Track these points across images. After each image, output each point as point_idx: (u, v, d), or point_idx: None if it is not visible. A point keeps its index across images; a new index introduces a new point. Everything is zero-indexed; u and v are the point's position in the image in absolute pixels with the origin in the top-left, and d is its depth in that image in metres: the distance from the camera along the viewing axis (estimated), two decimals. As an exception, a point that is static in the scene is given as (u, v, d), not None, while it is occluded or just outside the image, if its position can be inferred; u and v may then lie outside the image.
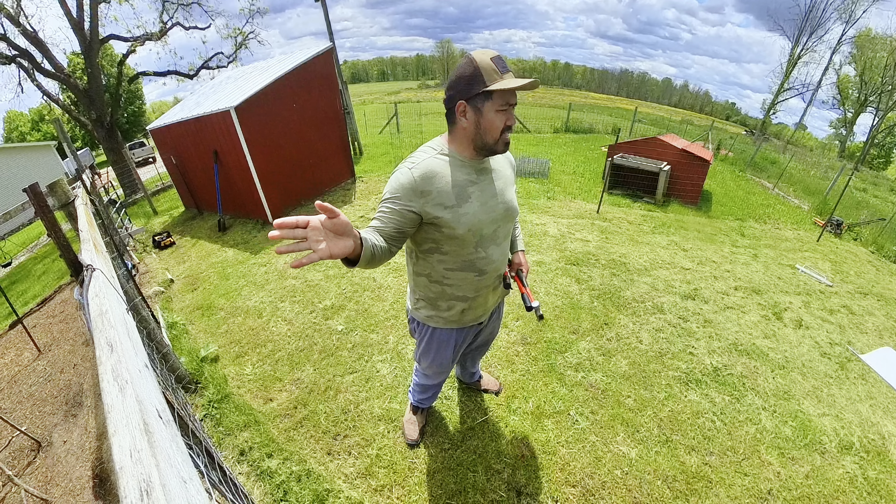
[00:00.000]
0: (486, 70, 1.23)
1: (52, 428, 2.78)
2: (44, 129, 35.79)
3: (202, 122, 6.39)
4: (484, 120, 1.29)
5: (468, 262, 1.49)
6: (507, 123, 1.31)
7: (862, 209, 9.89)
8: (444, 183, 1.33)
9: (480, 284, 1.57)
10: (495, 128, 1.30)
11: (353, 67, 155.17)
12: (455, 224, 1.36)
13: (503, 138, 1.34)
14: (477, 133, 1.32)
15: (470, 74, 1.25)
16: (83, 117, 10.85)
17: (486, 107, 1.27)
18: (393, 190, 1.32)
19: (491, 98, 1.25)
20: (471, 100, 1.28)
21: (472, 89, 1.25)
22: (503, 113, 1.29)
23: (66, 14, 9.89)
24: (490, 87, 1.22)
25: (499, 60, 1.25)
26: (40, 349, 3.76)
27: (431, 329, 1.73)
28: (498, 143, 1.34)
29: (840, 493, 2.22)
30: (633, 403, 2.69)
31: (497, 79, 1.23)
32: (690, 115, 47.71)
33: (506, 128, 1.31)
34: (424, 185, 1.31)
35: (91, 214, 2.69)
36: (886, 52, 28.71)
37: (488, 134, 1.31)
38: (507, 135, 1.34)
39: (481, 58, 1.24)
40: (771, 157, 16.54)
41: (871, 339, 3.80)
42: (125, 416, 0.72)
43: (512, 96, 1.28)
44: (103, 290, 1.36)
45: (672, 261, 4.94)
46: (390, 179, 1.35)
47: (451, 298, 1.59)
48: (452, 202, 1.35)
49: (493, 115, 1.28)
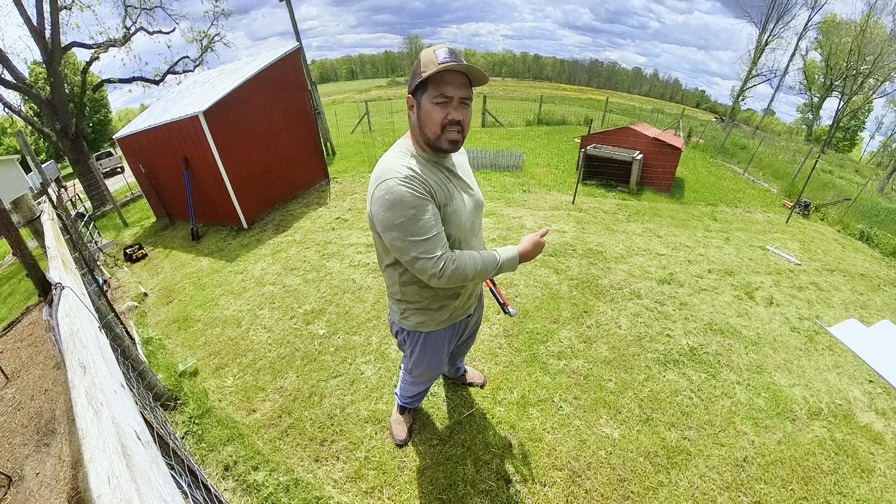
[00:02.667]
0: (426, 62, 1.20)
1: (24, 460, 2.65)
2: (6, 142, 34.04)
3: (170, 129, 6.22)
4: (423, 112, 1.26)
5: None
6: (448, 118, 1.24)
7: (828, 190, 10.33)
8: (433, 182, 1.30)
9: None
10: (433, 121, 1.24)
11: (321, 67, 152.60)
12: (448, 224, 1.36)
13: (446, 135, 1.26)
14: (420, 128, 1.29)
15: (414, 68, 1.25)
16: (47, 128, 10.42)
17: (424, 98, 1.24)
18: (411, 205, 1.23)
19: (426, 89, 1.23)
20: (414, 94, 1.27)
21: (413, 82, 1.25)
22: (440, 105, 1.22)
23: (26, 22, 9.46)
24: (422, 76, 1.19)
25: (443, 52, 1.20)
26: (8, 376, 3.60)
27: (424, 335, 1.70)
28: (440, 140, 1.27)
29: (810, 455, 2.35)
30: (615, 386, 2.77)
31: (432, 68, 1.18)
32: (661, 104, 48.72)
33: (448, 123, 1.24)
34: (426, 184, 1.27)
35: (58, 230, 2.60)
36: (851, 37, 29.75)
37: (427, 128, 1.26)
38: (450, 131, 1.26)
39: (426, 51, 1.23)
40: (741, 142, 17.05)
41: (837, 313, 3.99)
42: (101, 440, 0.69)
43: (449, 88, 1.21)
44: (74, 309, 1.32)
45: (647, 247, 5.07)
46: (390, 204, 1.23)
47: (444, 298, 1.59)
48: (444, 200, 1.34)
49: (430, 108, 1.23)
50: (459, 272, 1.31)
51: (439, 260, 1.28)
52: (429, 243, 1.26)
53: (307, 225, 6.13)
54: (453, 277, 1.31)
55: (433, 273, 1.29)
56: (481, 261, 1.37)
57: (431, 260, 1.27)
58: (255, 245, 5.68)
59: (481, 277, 1.40)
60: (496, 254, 1.42)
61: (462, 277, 1.33)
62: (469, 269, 1.33)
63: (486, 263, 1.38)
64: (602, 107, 18.93)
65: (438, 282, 1.32)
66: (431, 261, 1.27)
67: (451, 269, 1.29)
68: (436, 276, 1.30)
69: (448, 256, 1.30)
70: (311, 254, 5.05)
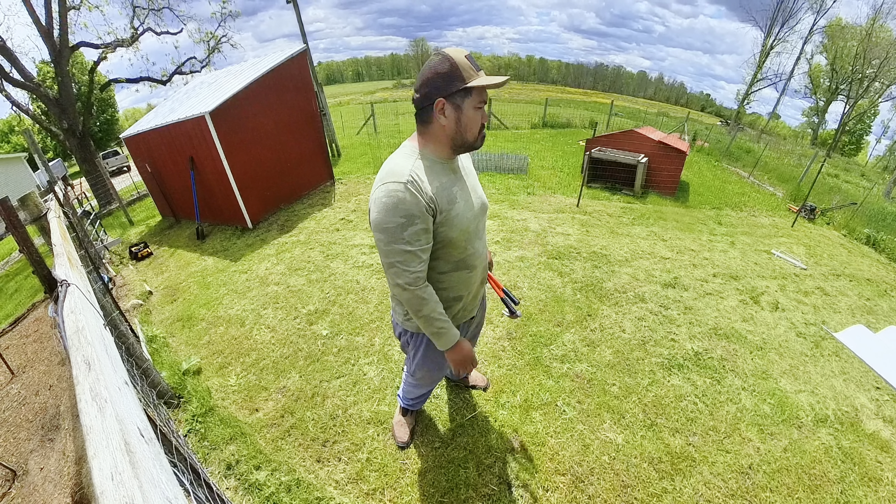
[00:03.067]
0: (464, 67, 1.23)
1: (28, 455, 2.67)
2: (14, 140, 34.45)
3: (177, 129, 6.26)
4: (464, 117, 1.29)
5: (460, 262, 1.51)
6: (482, 121, 1.34)
7: (834, 194, 10.24)
8: (435, 188, 1.32)
9: (472, 280, 1.60)
10: (475, 124, 1.32)
11: (327, 69, 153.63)
12: (450, 227, 1.38)
13: (480, 135, 1.37)
14: (457, 131, 1.32)
15: (447, 72, 1.23)
16: (54, 127, 10.50)
17: (466, 104, 1.27)
18: (403, 214, 1.25)
19: (470, 95, 1.26)
20: (450, 97, 1.26)
21: (450, 86, 1.24)
22: (480, 110, 1.31)
23: (35, 22, 9.55)
24: (470, 84, 1.23)
25: (472, 59, 1.27)
26: (13, 371, 3.63)
27: (427, 337, 1.66)
28: (477, 140, 1.37)
29: (816, 462, 2.32)
30: (618, 391, 2.74)
31: (473, 76, 1.25)
32: (666, 108, 48.66)
33: (482, 125, 1.35)
34: (425, 192, 1.28)
35: (64, 227, 2.62)
36: (856, 41, 29.61)
37: (468, 131, 1.32)
38: (482, 132, 1.37)
39: (457, 55, 1.24)
40: (746, 146, 16.99)
41: (843, 318, 3.95)
42: (105, 436, 0.70)
43: (486, 94, 1.31)
44: (79, 306, 1.33)
45: (652, 251, 5.04)
46: (384, 206, 1.26)
47: (448, 300, 1.58)
48: (445, 206, 1.35)
49: (473, 113, 1.29)
50: (418, 301, 1.39)
51: (414, 276, 1.34)
52: (409, 255, 1.31)
53: (312, 225, 6.14)
54: (413, 300, 1.39)
55: (400, 284, 1.35)
56: (437, 311, 1.43)
57: (406, 273, 1.33)
58: (259, 245, 5.70)
59: (421, 321, 1.46)
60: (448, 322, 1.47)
61: (417, 306, 1.40)
62: (425, 307, 1.40)
63: (434, 318, 1.43)
64: (607, 110, 18.90)
65: (401, 294, 1.38)
66: (406, 273, 1.33)
67: (418, 293, 1.37)
68: (401, 288, 1.36)
69: (423, 279, 1.38)
70: (315, 254, 5.06)
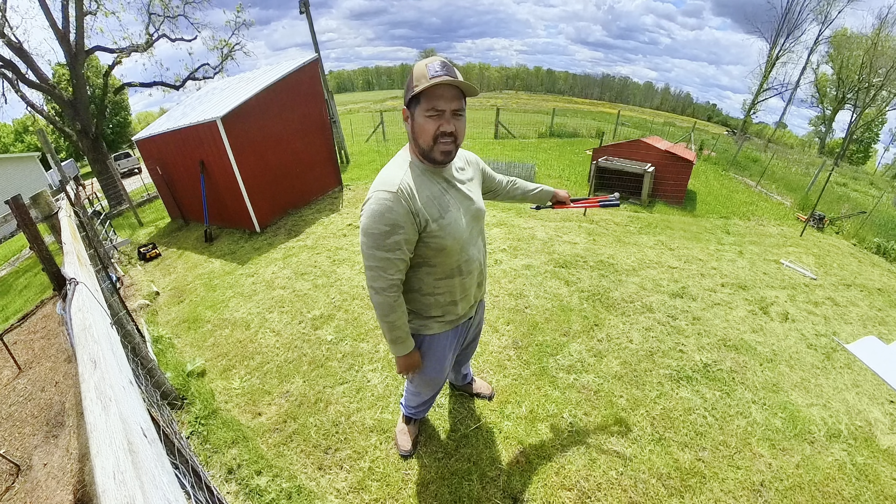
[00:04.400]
0: (417, 76, 1.23)
1: (32, 450, 2.68)
2: (28, 140, 35.21)
3: (188, 133, 6.33)
4: (416, 125, 1.30)
5: (455, 268, 1.51)
6: (440, 129, 1.27)
7: (843, 203, 10.13)
8: (425, 196, 1.33)
9: (467, 284, 1.61)
10: (426, 133, 1.28)
11: (338, 77, 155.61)
12: (443, 235, 1.38)
13: (438, 146, 1.29)
14: (414, 140, 1.33)
15: (408, 82, 1.27)
16: (68, 128, 10.67)
17: (417, 112, 1.28)
18: (388, 222, 1.28)
19: (419, 102, 1.26)
20: (409, 106, 1.30)
21: (407, 96, 1.28)
22: (433, 118, 1.26)
23: (52, 25, 9.75)
24: (414, 91, 1.23)
25: (435, 65, 1.22)
26: (21, 367, 3.66)
27: (426, 339, 1.70)
28: (433, 151, 1.31)
29: (830, 480, 2.26)
30: (626, 403, 2.70)
31: (423, 82, 1.21)
32: (673, 118, 48.61)
33: (439, 134, 1.27)
34: (413, 203, 1.29)
35: (75, 226, 2.64)
36: (862, 50, 29.55)
37: (421, 139, 1.30)
38: (443, 143, 1.29)
39: (419, 64, 1.25)
40: (753, 155, 16.88)
41: (855, 329, 3.87)
42: (108, 435, 0.69)
43: (440, 101, 1.23)
44: (87, 304, 1.33)
45: (659, 260, 5.00)
46: (372, 212, 1.29)
47: (444, 305, 1.60)
48: (437, 214, 1.36)
49: (423, 120, 1.27)
50: (388, 307, 1.42)
51: (390, 283, 1.37)
52: (388, 262, 1.34)
53: (319, 231, 6.16)
54: (384, 305, 1.41)
55: (375, 287, 1.39)
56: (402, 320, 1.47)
57: (383, 278, 1.36)
58: (266, 249, 5.72)
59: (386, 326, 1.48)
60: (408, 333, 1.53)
61: (385, 311, 1.43)
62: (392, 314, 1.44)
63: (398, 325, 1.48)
64: (614, 120, 18.91)
65: (374, 296, 1.41)
66: (382, 279, 1.36)
67: (390, 299, 1.40)
68: (375, 291, 1.40)
69: (399, 287, 1.41)
70: (321, 259, 5.06)
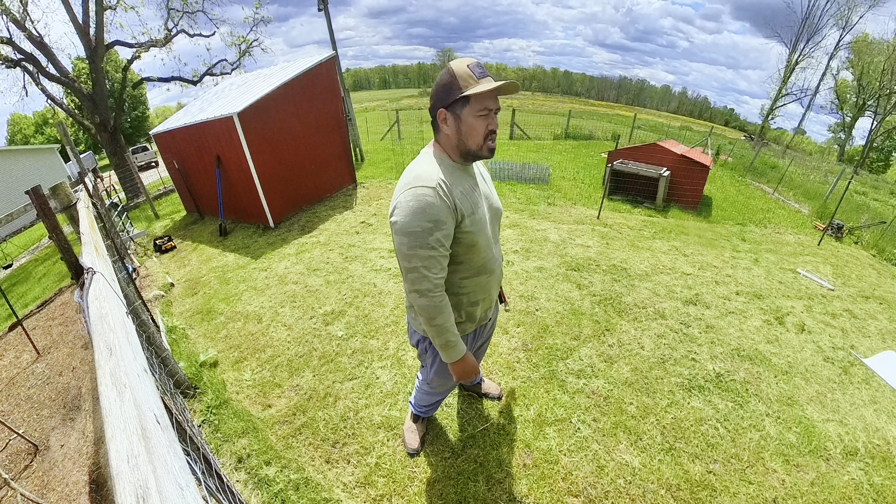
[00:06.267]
0: (462, 76, 1.25)
1: (50, 431, 2.76)
2: (48, 132, 36.14)
3: (205, 128, 6.42)
4: (464, 125, 1.30)
5: (481, 267, 1.52)
6: (489, 128, 1.31)
7: (862, 212, 9.87)
8: (459, 192, 1.34)
9: (491, 283, 1.62)
10: (477, 133, 1.30)
11: (355, 75, 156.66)
12: (475, 231, 1.38)
13: (487, 144, 1.33)
14: (460, 139, 1.33)
15: (447, 82, 1.27)
16: (87, 121, 10.92)
17: (465, 112, 1.28)
18: (431, 218, 1.26)
19: (468, 103, 1.27)
20: (450, 107, 1.29)
21: (449, 96, 1.28)
22: (483, 118, 1.29)
23: (72, 20, 9.98)
24: (466, 93, 1.24)
25: (476, 66, 1.26)
26: (39, 351, 3.75)
27: None
28: (482, 149, 1.34)
29: (846, 499, 2.19)
30: (636, 411, 2.66)
31: (473, 84, 1.24)
32: (689, 122, 47.98)
33: (489, 133, 1.32)
34: (451, 198, 1.30)
35: (93, 217, 2.69)
36: (883, 56, 28.83)
37: (471, 139, 1.32)
38: (490, 140, 1.33)
39: (458, 65, 1.27)
40: (770, 161, 16.54)
41: (873, 343, 3.77)
42: (123, 420, 0.71)
43: (490, 101, 1.28)
44: (103, 294, 1.35)
45: (673, 266, 4.93)
46: (412, 210, 1.26)
47: (469, 305, 1.59)
48: (470, 209, 1.36)
49: (473, 120, 1.29)
50: (435, 309, 1.37)
51: (435, 283, 1.33)
52: (432, 260, 1.31)
53: (332, 227, 6.20)
54: (430, 308, 1.36)
55: (420, 290, 1.34)
56: (449, 322, 1.41)
57: (427, 279, 1.32)
58: (280, 244, 5.77)
59: (433, 331, 1.43)
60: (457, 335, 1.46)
61: (432, 314, 1.37)
62: (440, 316, 1.38)
63: (446, 328, 1.41)
64: (630, 123, 18.71)
65: (418, 300, 1.36)
66: (427, 279, 1.32)
67: (436, 300, 1.35)
68: (419, 294, 1.35)
69: (442, 287, 1.37)
70: (334, 256, 5.09)
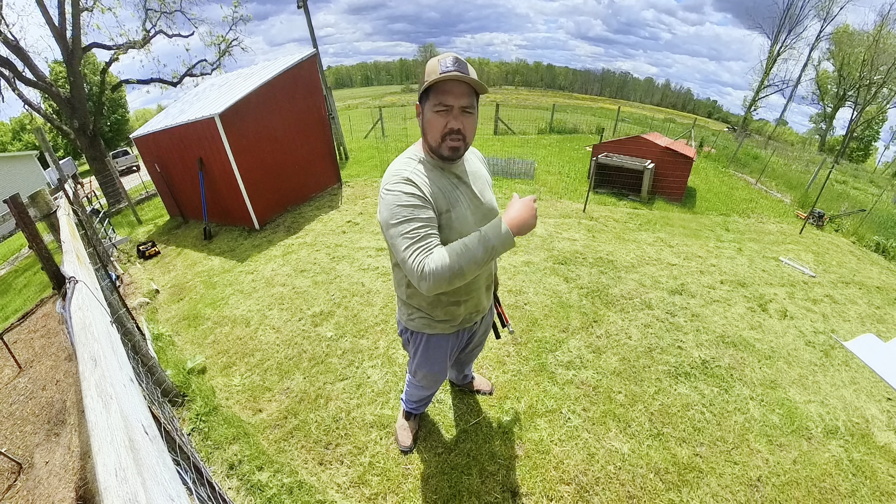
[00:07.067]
0: (430, 70, 1.22)
1: (34, 448, 2.69)
2: (25, 138, 35.16)
3: (186, 130, 6.31)
4: (425, 121, 1.29)
5: None
6: (448, 126, 1.25)
7: (842, 201, 10.15)
8: (435, 188, 1.32)
9: (472, 286, 1.59)
10: (434, 129, 1.27)
11: (336, 73, 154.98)
12: (449, 228, 1.36)
13: (446, 143, 1.28)
14: (424, 135, 1.33)
15: (423, 77, 1.26)
16: (65, 126, 10.64)
17: (427, 107, 1.27)
18: (410, 201, 1.24)
19: (429, 97, 1.25)
20: (421, 101, 1.29)
21: (421, 90, 1.27)
22: (441, 114, 1.24)
23: (48, 23, 9.70)
24: (424, 84, 1.22)
25: (447, 60, 1.20)
26: (21, 365, 3.66)
27: (426, 336, 1.71)
28: (441, 147, 1.29)
29: (827, 475, 2.28)
30: (624, 399, 2.71)
31: (434, 77, 1.19)
32: (673, 114, 48.60)
33: (448, 131, 1.26)
34: (424, 192, 1.28)
35: (74, 225, 2.64)
36: (863, 47, 29.47)
37: (429, 135, 1.30)
38: (451, 140, 1.27)
39: (432, 60, 1.24)
40: (753, 152, 16.84)
41: (853, 327, 3.89)
42: (110, 433, 0.70)
43: (447, 97, 1.21)
44: (87, 303, 1.33)
45: (658, 257, 5.01)
46: (391, 202, 1.26)
47: (448, 305, 1.59)
48: (445, 207, 1.35)
49: (431, 116, 1.26)
50: (442, 267, 1.18)
51: (433, 255, 1.20)
52: (426, 227, 1.23)
53: (318, 227, 6.16)
54: (439, 274, 1.17)
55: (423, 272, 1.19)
56: (463, 245, 1.21)
57: (424, 249, 1.21)
58: (266, 246, 5.72)
59: (474, 264, 1.20)
60: (478, 231, 1.25)
61: (450, 271, 1.18)
62: (452, 258, 1.18)
63: (469, 245, 1.21)
64: (614, 116, 18.87)
65: (427, 285, 1.20)
66: (424, 250, 1.21)
67: (430, 266, 1.18)
68: (425, 277, 1.19)
69: (442, 252, 1.21)
70: (321, 256, 5.07)
